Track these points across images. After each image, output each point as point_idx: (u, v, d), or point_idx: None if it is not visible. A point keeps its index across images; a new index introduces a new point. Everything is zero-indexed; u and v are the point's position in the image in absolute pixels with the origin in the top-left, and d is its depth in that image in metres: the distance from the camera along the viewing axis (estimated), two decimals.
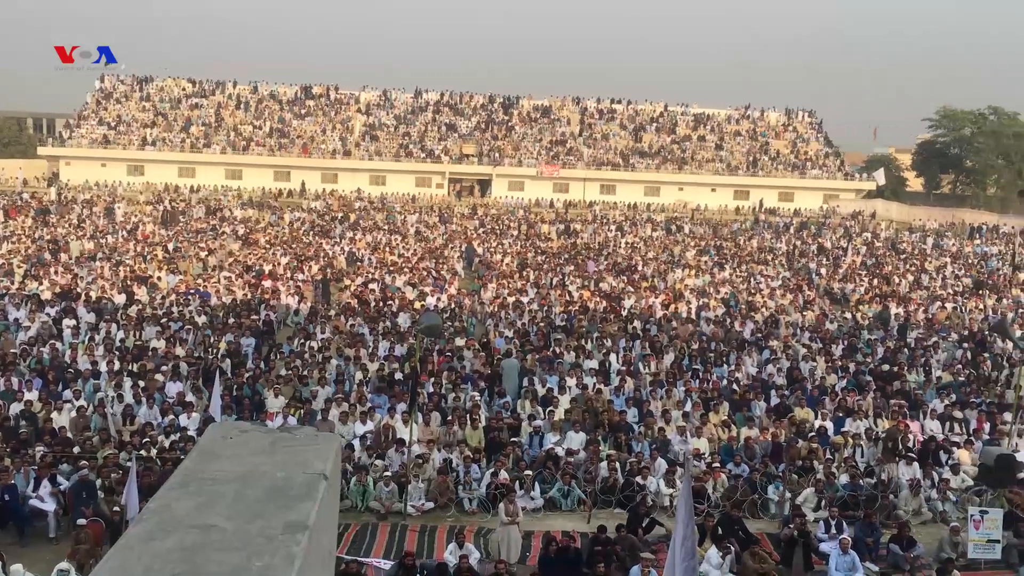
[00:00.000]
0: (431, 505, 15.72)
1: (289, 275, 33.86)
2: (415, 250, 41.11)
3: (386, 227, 47.90)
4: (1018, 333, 27.53)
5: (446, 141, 69.51)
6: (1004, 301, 35.03)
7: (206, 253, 37.16)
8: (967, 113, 73.74)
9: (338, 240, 42.80)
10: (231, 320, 26.12)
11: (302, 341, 24.30)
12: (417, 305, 29.44)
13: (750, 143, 73.85)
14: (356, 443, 17.43)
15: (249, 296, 29.84)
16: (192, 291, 29.85)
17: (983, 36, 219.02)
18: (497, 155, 68.05)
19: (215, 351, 22.90)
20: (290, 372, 21.15)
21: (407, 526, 15.12)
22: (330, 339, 24.74)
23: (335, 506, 2.74)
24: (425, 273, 35.32)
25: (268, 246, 40.12)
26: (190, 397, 19.22)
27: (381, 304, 29.76)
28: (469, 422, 18.46)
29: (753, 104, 78.37)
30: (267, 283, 31.75)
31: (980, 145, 71.30)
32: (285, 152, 66.09)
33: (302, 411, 18.57)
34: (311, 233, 44.67)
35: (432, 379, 21.19)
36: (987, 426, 20.12)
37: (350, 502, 15.40)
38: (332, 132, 69.25)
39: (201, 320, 25.98)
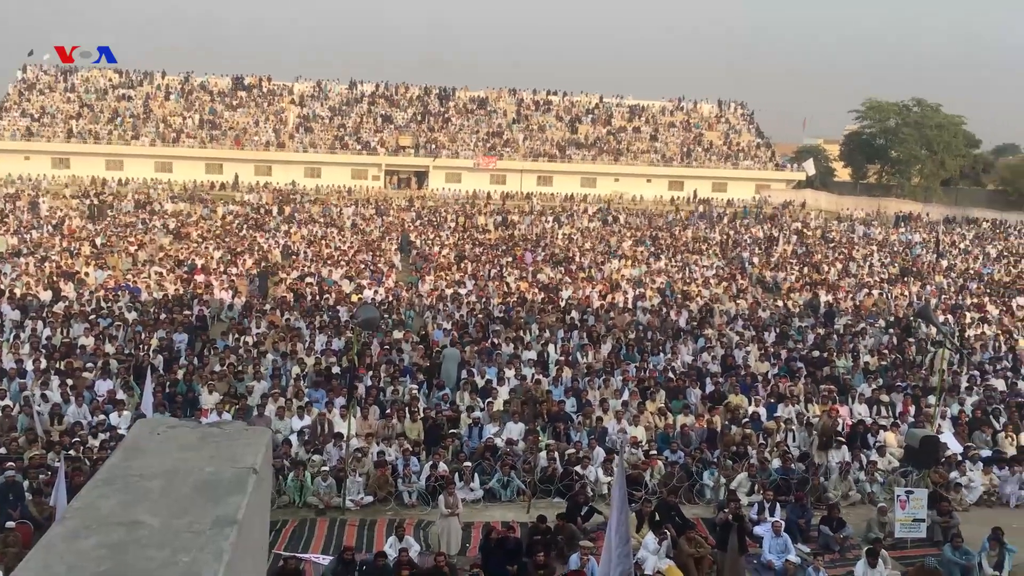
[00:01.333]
0: (370, 499, 15.65)
1: (223, 269, 33.30)
2: (352, 243, 40.75)
3: (322, 220, 47.34)
4: (941, 318, 28.42)
5: (382, 133, 68.88)
6: (928, 287, 36.13)
7: (135, 248, 36.31)
8: (892, 105, 75.66)
9: (273, 233, 42.19)
10: (163, 316, 25.61)
11: (237, 336, 23.94)
12: (354, 298, 29.20)
13: (684, 134, 74.70)
14: (294, 438, 17.25)
15: (181, 291, 29.30)
16: (121, 287, 29.16)
17: (908, 29, 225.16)
18: (434, 147, 67.72)
19: (146, 348, 22.41)
20: (224, 368, 20.83)
21: (346, 520, 15.04)
22: (265, 334, 24.43)
23: (266, 500, 2.71)
24: (362, 266, 35.07)
25: (200, 240, 39.35)
26: (121, 395, 18.80)
27: (318, 298, 29.47)
28: (408, 415, 18.40)
29: (687, 96, 79.47)
30: (200, 278, 31.19)
31: (904, 136, 73.24)
32: (217, 144, 64.78)
33: (237, 407, 18.31)
34: (245, 226, 43.91)
35: (370, 372, 21.09)
36: (912, 409, 20.77)
37: (288, 498, 15.27)
38: (265, 124, 68.05)
39: (131, 316, 25.45)
